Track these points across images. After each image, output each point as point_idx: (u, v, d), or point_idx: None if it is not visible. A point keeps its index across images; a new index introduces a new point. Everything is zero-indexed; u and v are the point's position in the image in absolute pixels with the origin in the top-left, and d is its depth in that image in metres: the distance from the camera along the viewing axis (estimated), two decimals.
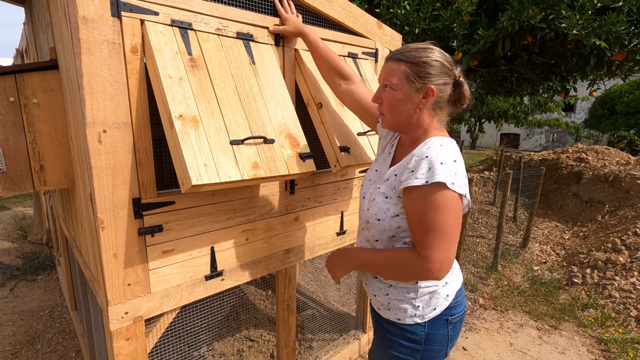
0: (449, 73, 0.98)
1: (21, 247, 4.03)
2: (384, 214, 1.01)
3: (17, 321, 2.66)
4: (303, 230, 1.67)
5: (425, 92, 0.97)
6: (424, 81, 0.96)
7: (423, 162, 0.92)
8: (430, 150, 0.93)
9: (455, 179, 0.90)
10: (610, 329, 2.74)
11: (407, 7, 3.25)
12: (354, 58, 1.71)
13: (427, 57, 0.97)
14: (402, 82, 0.98)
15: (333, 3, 1.57)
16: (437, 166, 0.90)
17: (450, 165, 0.91)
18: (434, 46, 1.00)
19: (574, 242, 4.56)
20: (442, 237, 0.89)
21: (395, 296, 1.05)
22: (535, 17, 2.98)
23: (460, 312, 1.08)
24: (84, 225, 1.31)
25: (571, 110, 17.87)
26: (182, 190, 1.02)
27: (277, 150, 1.20)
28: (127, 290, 1.15)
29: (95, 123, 1.01)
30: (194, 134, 1.02)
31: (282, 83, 1.34)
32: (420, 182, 0.91)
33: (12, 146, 1.24)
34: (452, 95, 1.01)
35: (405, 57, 0.98)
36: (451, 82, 0.99)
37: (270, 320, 2.58)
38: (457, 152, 0.97)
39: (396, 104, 1.01)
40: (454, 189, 0.89)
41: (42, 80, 1.26)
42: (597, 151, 6.71)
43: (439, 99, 0.99)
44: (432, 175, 0.89)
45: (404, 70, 0.98)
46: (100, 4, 0.98)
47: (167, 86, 1.03)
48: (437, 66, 0.96)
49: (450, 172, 0.90)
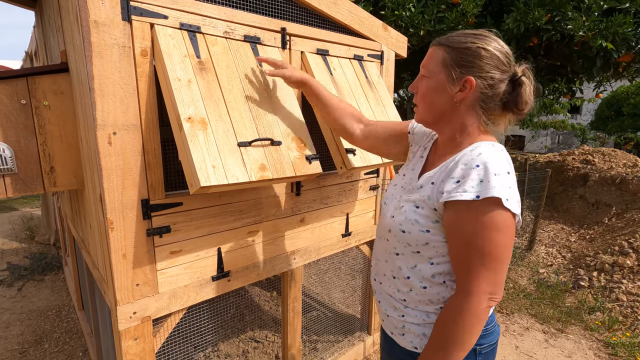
0: (503, 67, 0.82)
1: (29, 248, 4.08)
2: (411, 226, 0.86)
3: (25, 321, 2.69)
4: (309, 232, 1.68)
5: (462, 83, 0.82)
6: (464, 71, 0.81)
7: (473, 171, 0.77)
8: (482, 157, 0.77)
9: (510, 194, 0.75)
10: (617, 333, 2.71)
11: (412, 9, 3.26)
12: (360, 60, 1.72)
13: (474, 43, 0.81)
14: (438, 69, 0.85)
15: (339, 6, 1.58)
16: (492, 177, 0.75)
17: (504, 177, 0.76)
18: (494, 35, 0.84)
19: (580, 245, 4.52)
20: (495, 263, 0.75)
21: (411, 319, 0.90)
22: (541, 18, 2.97)
23: (491, 341, 0.90)
24: (93, 226, 1.33)
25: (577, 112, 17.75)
26: (190, 191, 1.03)
27: (284, 152, 1.21)
28: (135, 291, 1.16)
29: (105, 125, 1.03)
30: (203, 136, 1.03)
31: (288, 86, 1.35)
32: (470, 196, 0.75)
33: (24, 148, 1.26)
34: (508, 97, 0.84)
35: (447, 42, 0.84)
36: (506, 79, 0.83)
37: (275, 322, 2.59)
38: (510, 162, 0.81)
39: (428, 94, 0.87)
40: (509, 207, 0.74)
41: (53, 83, 1.28)
42: (604, 153, 6.65)
43: (485, 96, 0.83)
44: (486, 188, 0.74)
45: (442, 55, 0.84)
46: (111, 8, 1.00)
47: (176, 89, 1.04)
48: (485, 56, 0.80)
49: (504, 186, 0.75)
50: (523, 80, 0.83)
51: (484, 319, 0.78)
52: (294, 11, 1.45)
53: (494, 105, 0.84)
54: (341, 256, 2.46)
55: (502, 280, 0.77)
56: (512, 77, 0.83)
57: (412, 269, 0.89)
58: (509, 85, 0.83)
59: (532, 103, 0.84)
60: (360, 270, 2.30)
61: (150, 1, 1.07)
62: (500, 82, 0.82)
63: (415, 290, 0.89)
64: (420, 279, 0.87)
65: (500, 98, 0.84)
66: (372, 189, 1.95)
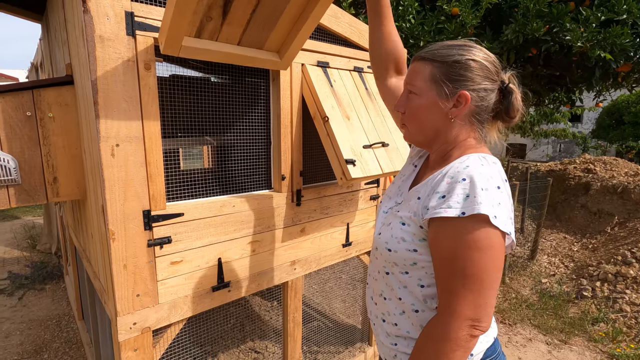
0: (492, 77, 0.79)
1: (30, 256, 4.08)
2: (397, 245, 0.81)
3: (25, 330, 2.68)
4: (309, 242, 1.68)
5: (456, 99, 0.78)
6: (456, 85, 0.78)
7: (458, 186, 0.72)
8: (469, 170, 0.72)
9: (498, 211, 0.69)
10: (621, 344, 2.68)
11: (412, 21, 3.30)
12: (360, 72, 1.74)
13: (461, 55, 0.77)
14: (428, 86, 0.80)
15: (339, 20, 1.60)
16: (478, 192, 0.69)
17: (493, 192, 0.70)
18: (474, 43, 0.81)
19: (583, 255, 4.50)
20: (479, 286, 0.69)
21: (403, 348, 0.84)
22: (539, 30, 3.00)
23: None
24: (95, 236, 1.34)
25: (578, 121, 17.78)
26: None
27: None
28: (135, 301, 1.17)
29: (108, 137, 1.05)
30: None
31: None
32: (454, 212, 0.70)
33: (28, 159, 1.27)
34: (498, 106, 0.82)
35: (433, 56, 0.80)
36: (496, 88, 0.80)
37: (276, 332, 2.57)
38: (502, 175, 0.75)
39: (419, 113, 0.82)
40: (497, 224, 0.69)
41: (57, 95, 1.30)
42: (605, 162, 6.65)
43: (479, 109, 0.80)
44: (471, 204, 0.69)
45: (430, 70, 0.79)
46: (116, 23, 1.02)
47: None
48: (474, 67, 0.77)
49: (493, 202, 0.69)
50: (512, 88, 0.81)
51: (465, 346, 0.71)
52: None
53: (487, 116, 0.83)
54: (342, 265, 2.45)
55: (486, 305, 0.70)
56: (501, 86, 0.82)
57: (403, 289, 0.84)
58: (499, 94, 0.82)
59: (523, 109, 0.83)
60: (361, 280, 2.29)
61: (154, 16, 1.09)
62: (491, 92, 0.80)
63: (408, 313, 0.83)
64: (413, 300, 0.82)
65: (493, 108, 0.82)
66: (372, 198, 1.96)
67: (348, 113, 1.55)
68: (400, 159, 1.64)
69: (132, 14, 1.04)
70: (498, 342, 0.88)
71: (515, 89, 0.82)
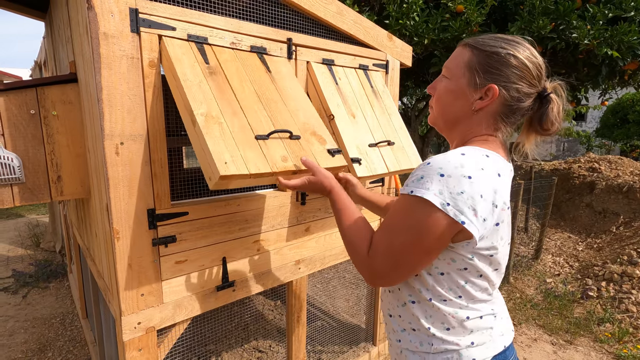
0: (532, 81, 0.75)
1: (34, 255, 4.09)
2: None
3: (29, 329, 2.68)
4: (314, 241, 1.67)
5: (485, 91, 0.76)
6: (488, 77, 0.75)
7: (422, 167, 0.73)
8: (439, 156, 0.72)
9: (456, 199, 0.68)
10: (628, 345, 2.65)
11: (416, 18, 3.28)
12: (365, 70, 1.73)
13: (504, 49, 0.74)
14: (461, 72, 0.78)
15: (344, 16, 1.59)
16: (433, 176, 0.70)
17: (456, 180, 0.68)
18: (528, 43, 0.76)
19: (587, 254, 4.46)
20: (396, 253, 0.73)
21: (406, 345, 0.85)
22: (545, 27, 2.98)
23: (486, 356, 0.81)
24: (99, 235, 1.33)
25: (582, 119, 17.68)
26: (210, 186, 0.98)
27: (304, 145, 1.16)
28: (140, 301, 1.16)
29: (113, 135, 1.04)
30: (218, 130, 1.00)
31: (299, 87, 1.34)
32: (405, 190, 0.73)
33: (32, 157, 1.27)
34: (532, 113, 0.78)
35: (476, 43, 0.77)
36: (534, 93, 0.76)
37: (279, 331, 2.56)
38: (486, 167, 0.71)
39: (445, 96, 0.81)
40: (447, 212, 0.68)
41: (61, 93, 1.29)
42: (610, 161, 6.60)
43: (507, 109, 0.77)
44: (419, 186, 0.71)
45: (468, 57, 0.77)
46: (121, 20, 1.01)
47: (187, 87, 1.02)
48: (514, 65, 0.74)
49: (449, 189, 0.68)
50: (552, 98, 0.76)
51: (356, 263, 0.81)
52: (299, 22, 1.47)
53: (515, 120, 0.79)
54: (345, 265, 2.44)
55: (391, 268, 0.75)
56: (541, 93, 0.77)
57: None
58: (536, 101, 0.77)
59: (560, 124, 0.77)
60: (364, 279, 2.28)
61: (159, 13, 1.08)
62: (527, 95, 0.76)
63: (409, 304, 0.84)
64: (410, 291, 0.83)
65: (524, 113, 0.78)
66: None
67: (353, 111, 1.53)
68: (406, 157, 1.63)
69: (137, 10, 1.03)
70: (512, 353, 0.84)
71: (556, 99, 0.77)
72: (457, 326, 0.78)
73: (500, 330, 0.83)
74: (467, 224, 0.69)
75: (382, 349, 2.25)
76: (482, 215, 0.70)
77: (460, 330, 0.79)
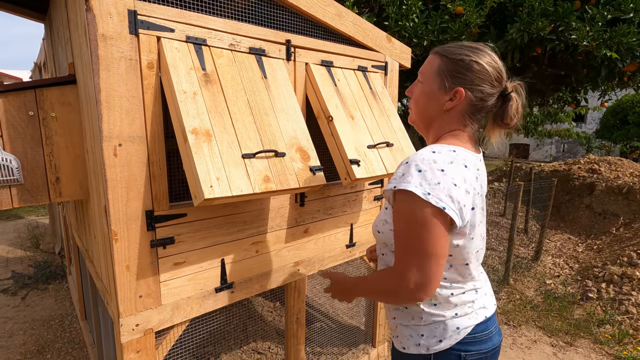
0: (493, 82, 0.86)
1: (34, 256, 4.09)
2: (382, 226, 0.94)
3: (28, 330, 2.68)
4: (312, 243, 1.67)
5: (453, 94, 0.87)
6: (455, 81, 0.86)
7: (402, 166, 0.84)
8: (414, 155, 0.84)
9: (434, 189, 0.78)
10: (628, 347, 2.65)
11: (416, 20, 3.28)
12: (364, 71, 1.73)
13: (468, 56, 0.85)
14: (432, 77, 0.89)
15: (343, 18, 1.59)
16: (412, 172, 0.80)
17: (432, 173, 0.79)
18: (489, 50, 0.88)
19: (587, 256, 4.46)
20: (416, 253, 0.79)
21: (400, 320, 0.95)
22: (544, 29, 2.98)
23: (481, 349, 0.91)
24: (97, 237, 1.33)
25: (582, 121, 17.69)
26: (194, 203, 1.03)
27: (287, 164, 1.21)
28: (138, 302, 1.16)
29: (111, 137, 1.04)
30: (207, 148, 1.04)
31: (293, 97, 1.35)
32: (390, 186, 0.83)
33: (30, 159, 1.27)
34: (496, 110, 0.89)
35: (444, 51, 0.89)
36: (496, 93, 0.87)
37: (278, 333, 2.56)
38: (454, 161, 0.83)
39: (420, 99, 0.93)
40: (429, 200, 0.77)
41: (60, 94, 1.29)
42: (610, 162, 6.60)
43: (474, 108, 0.88)
44: (402, 181, 0.81)
45: (438, 64, 0.89)
46: (119, 22, 1.01)
47: (181, 101, 1.05)
48: (476, 70, 0.85)
49: (427, 181, 0.78)
50: (512, 96, 0.88)
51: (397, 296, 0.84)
52: (298, 23, 1.47)
53: (481, 117, 0.90)
54: (344, 266, 2.44)
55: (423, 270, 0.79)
56: (503, 92, 0.88)
57: None
58: (499, 100, 0.88)
59: (519, 119, 0.89)
60: None
61: (158, 15, 1.08)
62: (489, 95, 0.87)
63: None
64: None
65: (489, 110, 0.89)
66: (376, 199, 1.94)
67: (352, 113, 1.53)
68: None
69: (135, 12, 1.03)
70: (494, 324, 0.95)
71: (515, 97, 0.88)
72: (443, 302, 0.90)
73: (482, 303, 0.94)
74: (447, 209, 0.78)
75: (381, 350, 2.25)
76: (458, 200, 0.80)
77: (446, 305, 0.90)
